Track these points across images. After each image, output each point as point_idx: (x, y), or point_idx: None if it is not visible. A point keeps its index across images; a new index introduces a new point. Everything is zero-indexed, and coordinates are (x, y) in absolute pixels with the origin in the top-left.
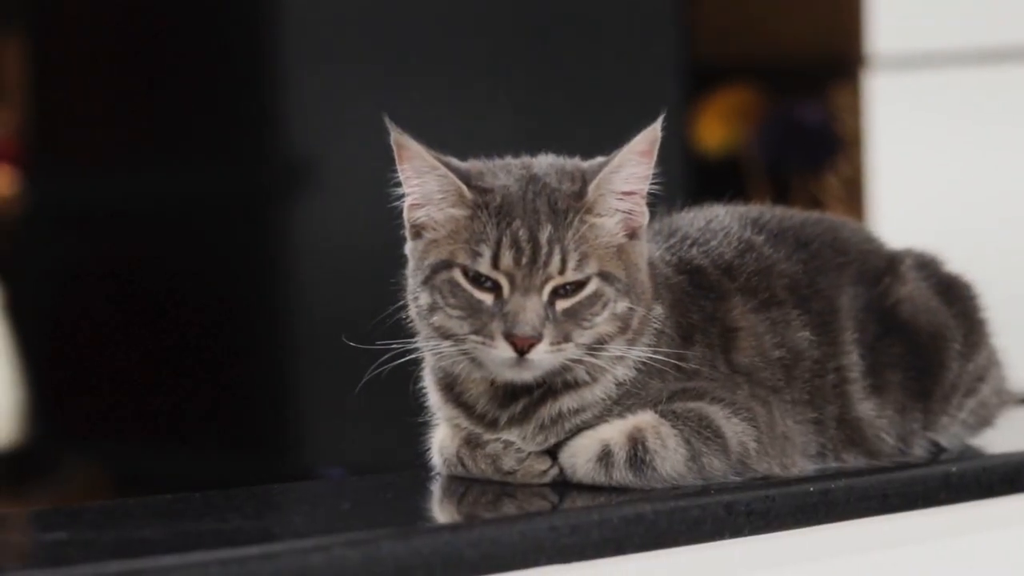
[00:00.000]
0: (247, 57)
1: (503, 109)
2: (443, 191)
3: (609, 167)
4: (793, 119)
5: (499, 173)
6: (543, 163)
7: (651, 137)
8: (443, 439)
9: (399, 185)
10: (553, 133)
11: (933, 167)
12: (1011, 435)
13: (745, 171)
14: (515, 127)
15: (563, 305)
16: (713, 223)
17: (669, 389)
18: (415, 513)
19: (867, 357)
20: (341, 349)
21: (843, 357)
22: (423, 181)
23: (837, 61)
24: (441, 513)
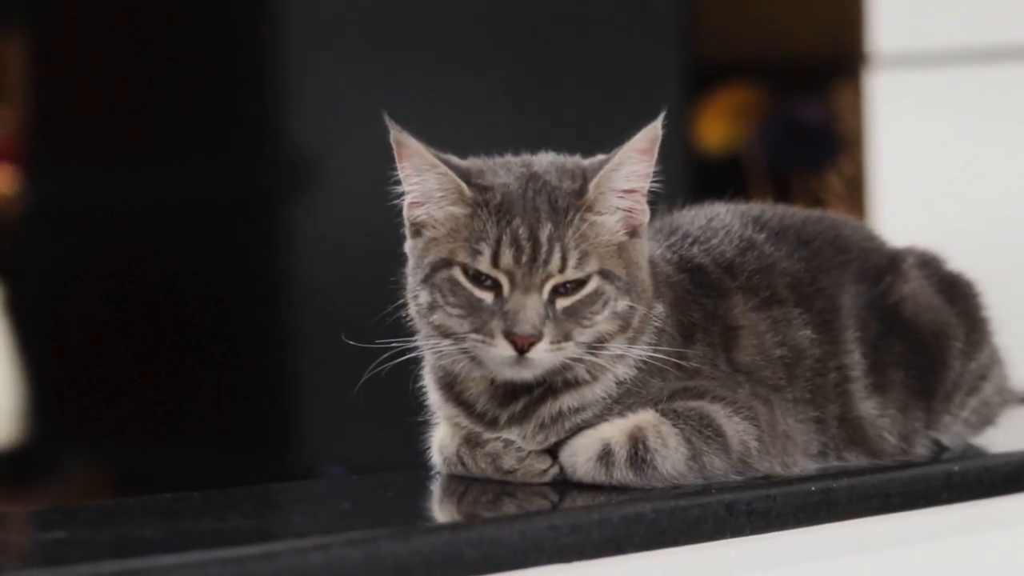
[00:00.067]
0: (247, 57)
1: (503, 107)
2: (443, 189)
3: (610, 165)
4: (794, 118)
5: (499, 171)
6: (543, 161)
7: (652, 135)
8: (443, 438)
9: (399, 183)
10: (554, 131)
11: (934, 166)
12: (1013, 434)
13: (746, 169)
14: (516, 125)
15: (563, 304)
16: (714, 221)
17: (670, 388)
18: (415, 512)
19: (869, 356)
20: (341, 348)
21: (845, 356)
22: (423, 179)
23: (838, 60)
24: (441, 512)
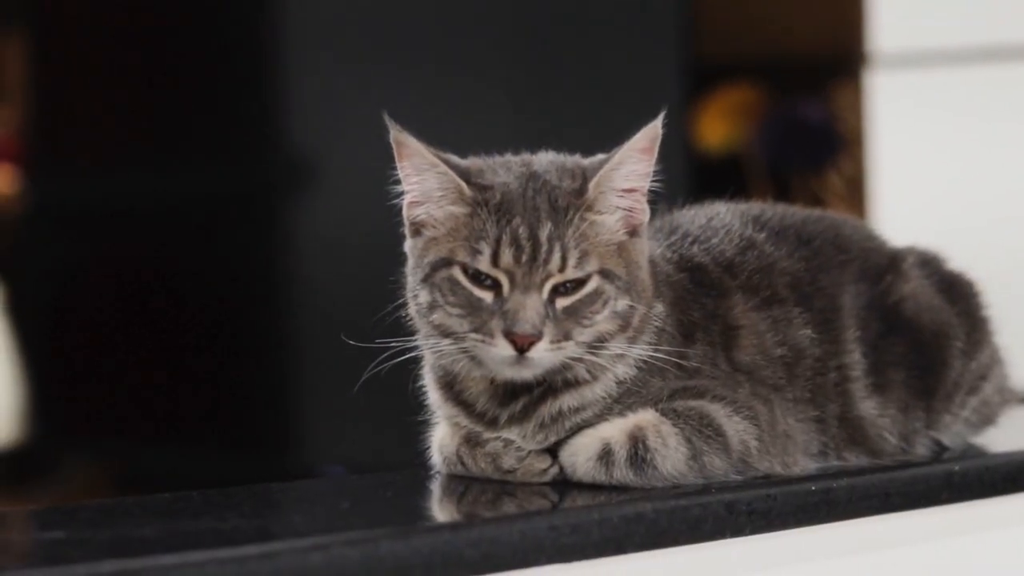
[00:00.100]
0: (248, 56)
1: (503, 107)
2: (442, 188)
3: (610, 164)
4: (795, 117)
5: (499, 170)
6: (543, 160)
7: (652, 134)
8: (443, 438)
9: (399, 183)
10: (554, 131)
11: (935, 165)
12: (1014, 434)
13: (746, 169)
14: (516, 125)
15: (563, 303)
16: (714, 220)
17: (670, 387)
18: (415, 512)
19: (869, 355)
20: (341, 348)
21: (845, 355)
22: (422, 178)
23: (839, 59)
24: (441, 512)
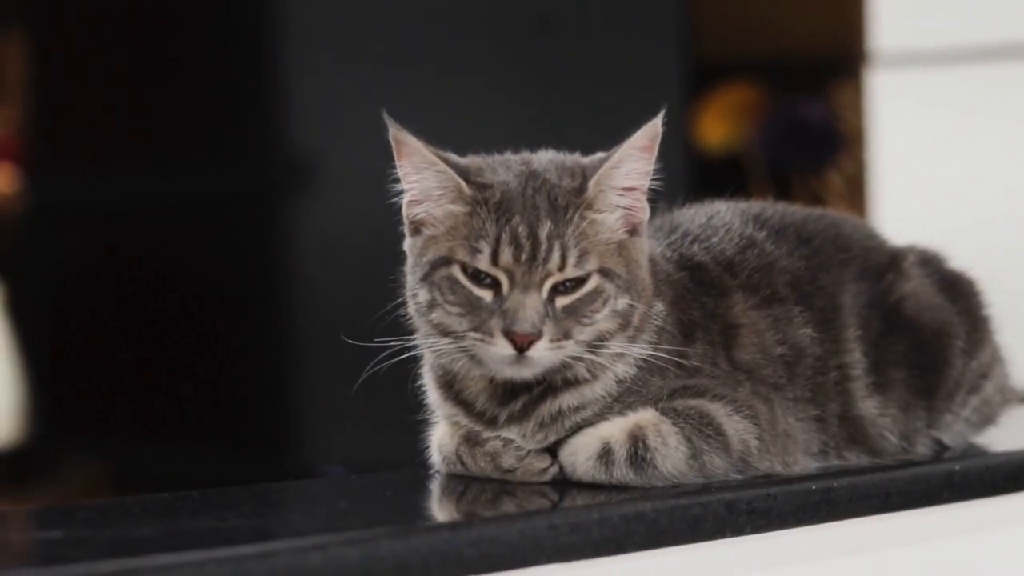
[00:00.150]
0: (247, 56)
1: (503, 107)
2: (442, 187)
3: (609, 163)
4: (795, 116)
5: (498, 169)
6: (543, 159)
7: (652, 133)
8: (442, 437)
9: (398, 181)
10: (554, 130)
11: (935, 164)
12: (1015, 433)
13: (747, 168)
14: (516, 124)
15: (563, 302)
16: (714, 219)
17: (670, 386)
18: (414, 512)
19: (870, 354)
20: (341, 347)
21: (845, 354)
22: (422, 177)
23: (839, 58)
24: (440, 511)
